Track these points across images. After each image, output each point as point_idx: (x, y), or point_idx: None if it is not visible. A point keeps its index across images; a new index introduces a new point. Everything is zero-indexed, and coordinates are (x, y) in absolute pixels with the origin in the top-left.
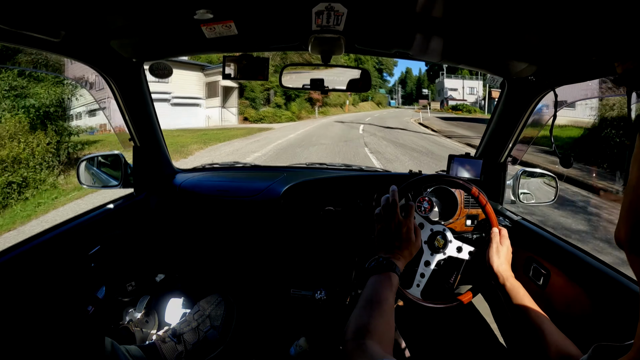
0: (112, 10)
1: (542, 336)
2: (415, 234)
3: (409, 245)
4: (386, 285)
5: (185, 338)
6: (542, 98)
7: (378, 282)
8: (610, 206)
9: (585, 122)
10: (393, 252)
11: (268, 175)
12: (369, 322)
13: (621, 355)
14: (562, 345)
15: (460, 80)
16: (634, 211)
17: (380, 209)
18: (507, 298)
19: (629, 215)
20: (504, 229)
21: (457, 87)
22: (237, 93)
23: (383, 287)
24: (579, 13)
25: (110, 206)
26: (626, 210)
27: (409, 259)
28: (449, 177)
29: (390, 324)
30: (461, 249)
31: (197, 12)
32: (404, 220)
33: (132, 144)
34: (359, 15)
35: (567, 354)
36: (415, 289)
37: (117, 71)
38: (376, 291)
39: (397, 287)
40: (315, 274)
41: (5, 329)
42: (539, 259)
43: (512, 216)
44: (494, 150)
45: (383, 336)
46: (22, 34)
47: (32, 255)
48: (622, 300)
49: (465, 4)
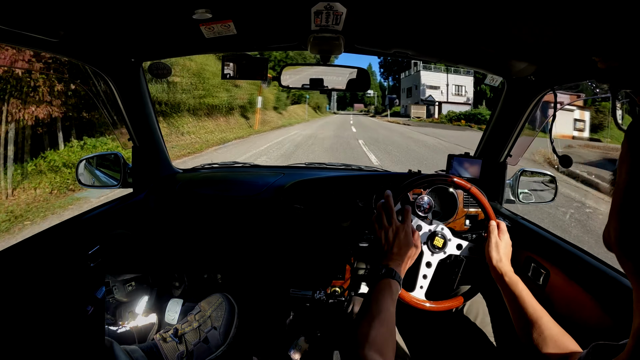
0: (111, 10)
1: (540, 330)
2: (414, 237)
3: (408, 250)
4: (386, 293)
5: (186, 338)
6: (541, 98)
7: (378, 291)
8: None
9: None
10: (393, 259)
11: (267, 174)
12: (369, 333)
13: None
14: (561, 340)
15: (442, 74)
16: (623, 212)
17: (377, 216)
18: (506, 292)
19: (618, 217)
20: (503, 223)
21: (439, 85)
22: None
23: (383, 296)
24: (579, 12)
25: (109, 206)
26: (615, 212)
27: (410, 263)
28: (440, 177)
29: (392, 333)
30: (461, 246)
31: (196, 11)
32: (401, 225)
33: (132, 143)
34: (358, 14)
35: (565, 348)
36: (419, 291)
37: (116, 71)
38: (376, 301)
39: (398, 294)
40: (315, 274)
41: (3, 330)
42: (538, 258)
43: (512, 215)
44: (494, 149)
45: (384, 346)
46: (21, 34)
47: (31, 255)
48: (622, 299)
49: (464, 4)
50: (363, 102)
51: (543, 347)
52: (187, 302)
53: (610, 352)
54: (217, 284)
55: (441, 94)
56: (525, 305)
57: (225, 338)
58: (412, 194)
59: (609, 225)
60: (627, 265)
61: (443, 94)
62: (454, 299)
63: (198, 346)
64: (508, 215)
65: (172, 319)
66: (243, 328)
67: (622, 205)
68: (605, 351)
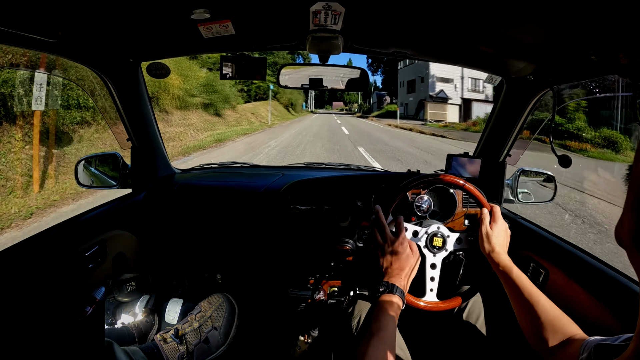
0: (109, 10)
1: (538, 314)
2: (410, 247)
3: (407, 262)
4: (386, 311)
5: (187, 339)
6: (541, 97)
7: (378, 309)
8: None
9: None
10: (393, 274)
11: (266, 174)
12: (367, 352)
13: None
14: (560, 323)
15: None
16: (639, 206)
17: (369, 235)
18: (504, 281)
19: (633, 211)
20: (497, 207)
21: (453, 77)
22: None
23: (383, 314)
24: (578, 11)
25: (108, 206)
26: (631, 205)
27: (413, 272)
28: (431, 176)
29: (392, 349)
30: (461, 240)
31: (194, 11)
32: (395, 238)
33: (130, 144)
34: (356, 14)
35: (564, 329)
36: (430, 294)
37: (115, 71)
38: (377, 319)
39: (400, 309)
40: (314, 274)
41: (2, 331)
42: (538, 258)
43: (511, 215)
44: (493, 149)
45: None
46: (19, 34)
47: (29, 255)
48: (621, 299)
49: (463, 3)
50: (343, 100)
51: (542, 330)
52: (187, 302)
53: (611, 352)
54: (217, 284)
55: (455, 88)
56: (523, 290)
57: (226, 338)
58: (411, 194)
59: (623, 219)
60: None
61: (457, 88)
62: (452, 299)
63: (198, 346)
64: (507, 215)
65: (172, 319)
66: (243, 328)
67: (638, 199)
68: (606, 352)
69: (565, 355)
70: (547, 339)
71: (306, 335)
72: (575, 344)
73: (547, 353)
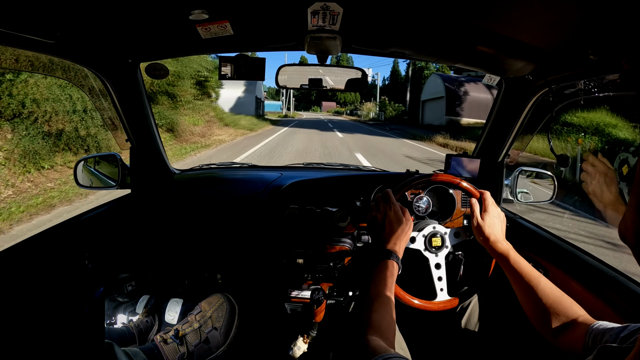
0: (108, 11)
1: (537, 298)
2: (403, 212)
3: (399, 226)
4: (384, 275)
5: (187, 339)
6: (539, 97)
7: (376, 274)
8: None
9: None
10: (387, 239)
11: (265, 174)
12: (371, 317)
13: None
14: (562, 306)
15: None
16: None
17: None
18: (504, 268)
19: (637, 209)
20: (486, 192)
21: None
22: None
23: (381, 279)
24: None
25: (107, 207)
26: (634, 204)
27: (406, 239)
28: (424, 176)
29: (392, 315)
30: (459, 233)
31: (192, 12)
32: (387, 205)
33: (129, 144)
34: (355, 14)
35: (567, 310)
36: (441, 294)
37: (113, 72)
38: (375, 284)
39: (397, 274)
40: (313, 273)
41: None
42: (537, 257)
43: (510, 215)
44: (492, 149)
45: (386, 330)
46: (17, 35)
47: (28, 255)
48: (620, 298)
49: (462, 3)
50: (336, 101)
51: (545, 313)
52: (187, 302)
53: (615, 355)
54: (217, 284)
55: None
56: (522, 273)
57: (226, 338)
58: (410, 194)
59: (627, 217)
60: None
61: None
62: (450, 300)
63: (199, 347)
64: (506, 215)
65: (172, 319)
66: (242, 328)
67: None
68: (611, 353)
69: (571, 338)
70: (551, 321)
71: (305, 336)
72: (580, 327)
73: (552, 335)
